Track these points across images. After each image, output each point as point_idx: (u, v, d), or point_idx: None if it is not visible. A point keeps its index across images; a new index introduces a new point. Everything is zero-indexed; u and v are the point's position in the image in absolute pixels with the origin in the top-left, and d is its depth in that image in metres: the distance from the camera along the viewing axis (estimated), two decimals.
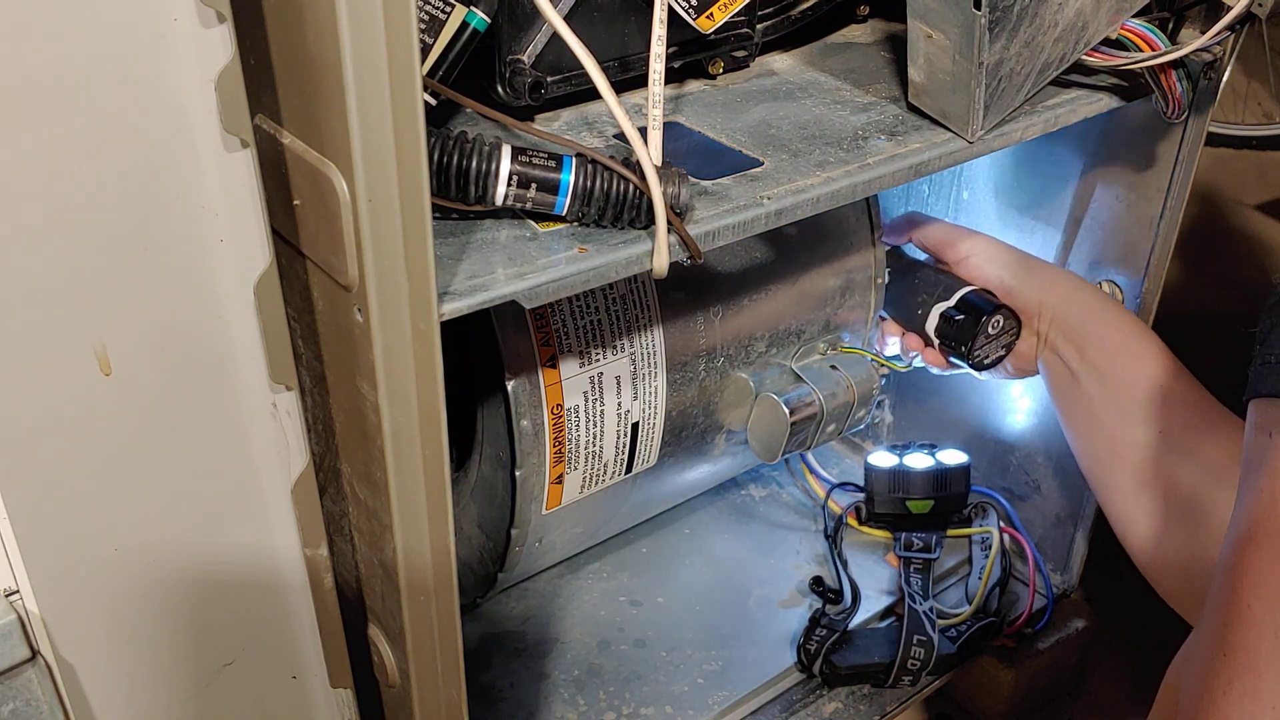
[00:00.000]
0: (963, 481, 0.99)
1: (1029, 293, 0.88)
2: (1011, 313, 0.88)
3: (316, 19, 0.45)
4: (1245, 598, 0.52)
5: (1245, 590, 0.52)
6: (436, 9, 0.59)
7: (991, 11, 0.61)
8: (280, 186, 0.53)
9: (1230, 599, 0.53)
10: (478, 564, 0.86)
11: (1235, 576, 0.53)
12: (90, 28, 0.44)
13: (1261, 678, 0.51)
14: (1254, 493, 0.53)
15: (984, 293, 0.90)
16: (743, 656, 0.92)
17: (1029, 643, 0.97)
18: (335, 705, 0.66)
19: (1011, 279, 0.89)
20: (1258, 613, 0.52)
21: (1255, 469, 0.53)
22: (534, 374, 0.75)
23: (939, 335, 0.91)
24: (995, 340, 0.89)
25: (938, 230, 0.94)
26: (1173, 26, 0.76)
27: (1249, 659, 0.52)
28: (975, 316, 0.88)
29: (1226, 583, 0.53)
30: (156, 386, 0.52)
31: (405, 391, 0.52)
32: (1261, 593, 0.51)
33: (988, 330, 0.88)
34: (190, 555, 0.57)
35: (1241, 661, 0.52)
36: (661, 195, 0.55)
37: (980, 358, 0.89)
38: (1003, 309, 0.88)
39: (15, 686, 0.52)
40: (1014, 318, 0.89)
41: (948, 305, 0.90)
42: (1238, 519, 0.54)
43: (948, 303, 0.90)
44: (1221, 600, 0.54)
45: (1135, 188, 0.88)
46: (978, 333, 0.87)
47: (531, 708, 0.86)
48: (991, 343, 0.89)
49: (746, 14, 0.72)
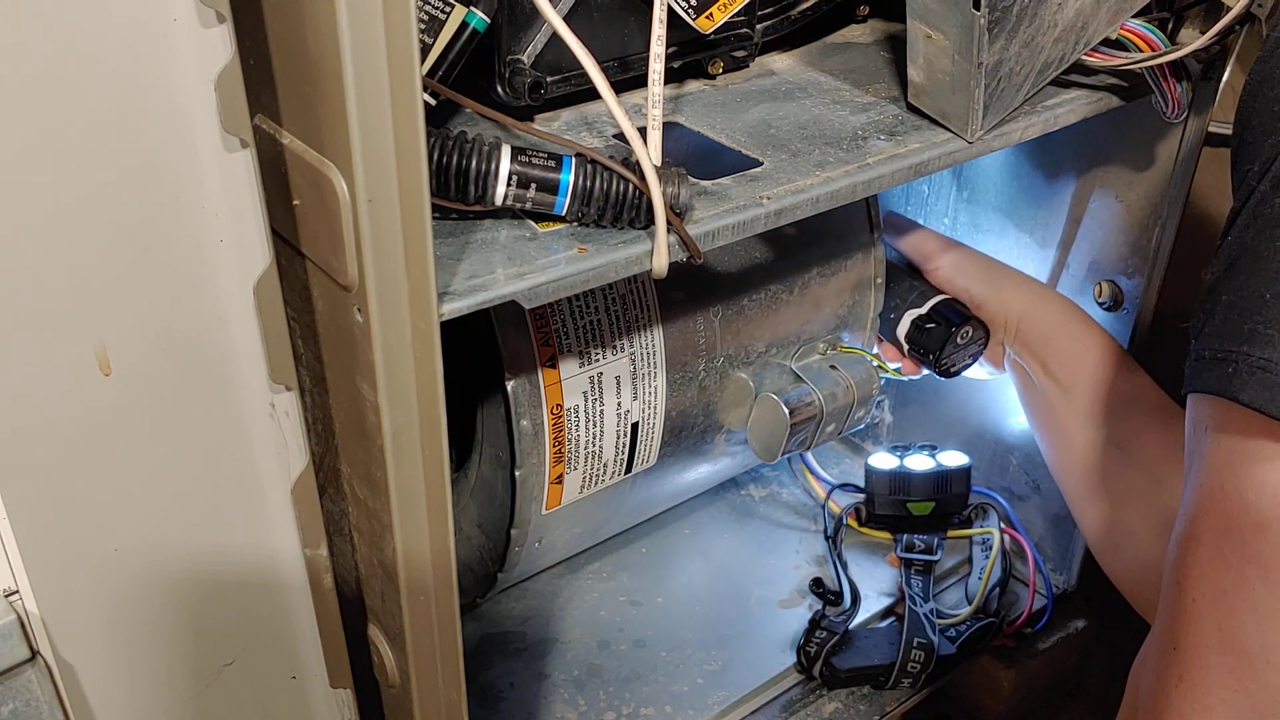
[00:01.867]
0: (964, 483, 0.99)
1: (995, 306, 0.92)
2: (980, 324, 0.92)
3: (316, 19, 0.45)
4: (1190, 593, 0.53)
5: (1189, 586, 0.53)
6: (436, 9, 0.59)
7: (991, 12, 0.61)
8: (280, 186, 0.53)
9: (1176, 595, 0.54)
10: (477, 564, 0.86)
11: (1179, 573, 0.54)
12: (90, 28, 0.44)
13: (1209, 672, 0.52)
14: (1193, 490, 0.54)
15: (955, 303, 0.93)
16: (742, 657, 0.92)
17: (1029, 643, 0.97)
18: (335, 705, 0.66)
19: (979, 292, 0.92)
20: (1201, 608, 0.53)
21: (1194, 467, 0.54)
22: (534, 374, 0.75)
23: (909, 341, 0.94)
24: (963, 349, 0.92)
25: (914, 237, 0.97)
26: (1172, 26, 0.76)
27: (1196, 653, 0.53)
28: (945, 326, 0.91)
29: (1172, 579, 0.54)
30: (156, 386, 0.52)
31: (405, 391, 0.52)
32: (1204, 588, 0.52)
33: (956, 340, 0.91)
34: (190, 555, 0.57)
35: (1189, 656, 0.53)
36: (661, 195, 0.55)
37: (947, 365, 0.92)
38: (972, 320, 0.91)
39: (15, 687, 0.52)
40: (982, 328, 0.92)
41: (919, 313, 0.93)
42: (1180, 517, 0.55)
43: (919, 310, 0.93)
44: (1169, 597, 0.55)
45: (1135, 188, 0.88)
46: (946, 342, 0.90)
47: (531, 708, 0.86)
48: (959, 352, 0.92)
49: (746, 14, 0.72)
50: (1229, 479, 0.51)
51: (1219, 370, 0.51)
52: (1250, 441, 0.50)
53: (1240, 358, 0.50)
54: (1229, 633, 0.51)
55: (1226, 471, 0.51)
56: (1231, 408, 0.50)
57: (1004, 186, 0.98)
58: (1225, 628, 0.51)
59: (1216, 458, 0.52)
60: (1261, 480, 0.50)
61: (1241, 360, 0.50)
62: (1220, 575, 0.51)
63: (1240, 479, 0.51)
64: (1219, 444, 0.52)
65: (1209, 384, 0.51)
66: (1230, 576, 0.51)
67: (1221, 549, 0.51)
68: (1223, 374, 0.51)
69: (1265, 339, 0.49)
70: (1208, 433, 0.53)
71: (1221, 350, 0.51)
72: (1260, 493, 0.50)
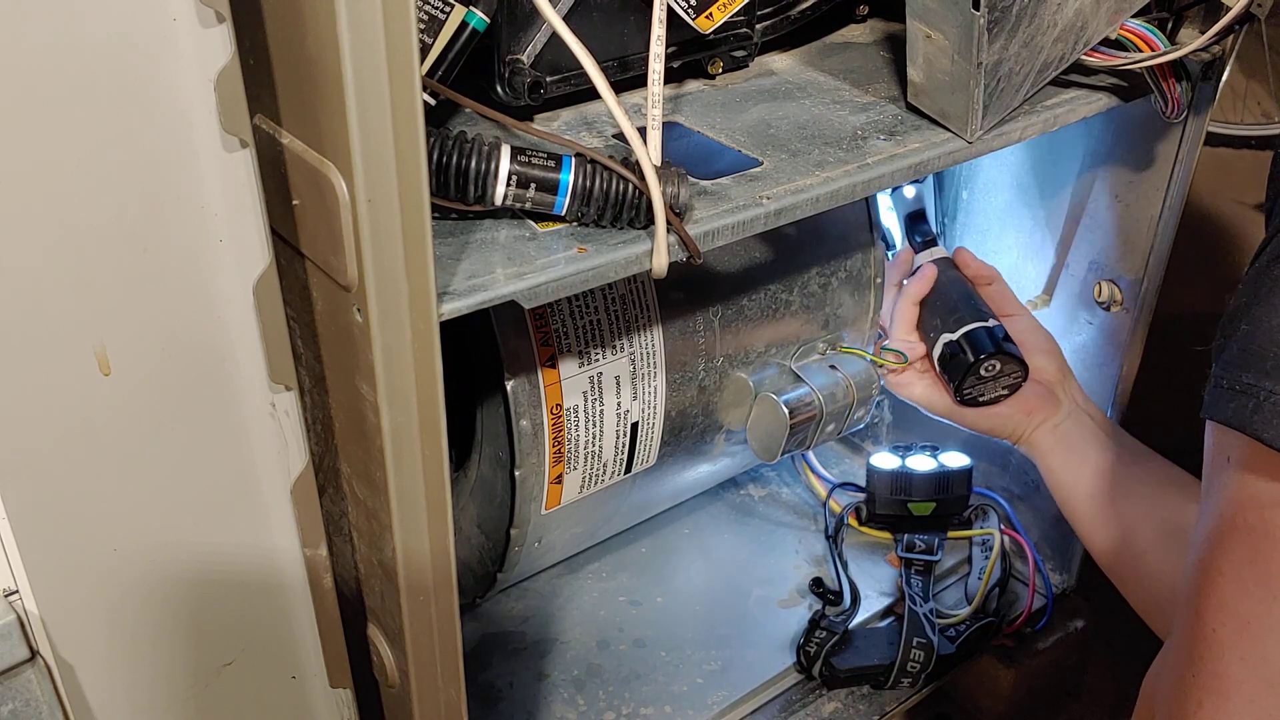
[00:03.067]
0: (965, 484, 0.99)
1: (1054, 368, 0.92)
2: (1017, 360, 0.89)
3: (316, 19, 0.45)
4: (1210, 623, 0.53)
5: (1209, 615, 0.53)
6: (436, 9, 0.59)
7: (990, 12, 0.61)
8: (280, 186, 0.53)
9: (1196, 623, 0.54)
10: (477, 564, 0.86)
11: (1200, 601, 0.54)
12: (89, 28, 0.44)
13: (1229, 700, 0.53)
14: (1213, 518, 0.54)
15: (995, 331, 0.90)
16: (742, 656, 0.92)
17: (1029, 643, 0.97)
18: (335, 705, 0.66)
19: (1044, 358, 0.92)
20: (1223, 637, 0.53)
21: (1213, 494, 0.54)
22: (533, 374, 0.75)
23: (940, 363, 0.92)
24: (992, 381, 0.90)
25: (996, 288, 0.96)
26: (1172, 26, 0.76)
27: (1217, 682, 0.53)
28: (974, 353, 0.89)
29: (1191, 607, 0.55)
30: (156, 387, 0.52)
31: (405, 391, 0.52)
32: (1225, 618, 0.53)
33: (979, 372, 0.89)
34: (190, 555, 0.57)
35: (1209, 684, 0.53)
36: (661, 195, 0.55)
37: (968, 395, 0.91)
38: (1002, 355, 0.89)
39: (15, 686, 0.52)
40: (1016, 364, 0.89)
41: (951, 338, 0.91)
42: (1198, 542, 0.55)
43: (952, 335, 0.91)
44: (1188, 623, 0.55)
45: (1135, 188, 0.88)
46: (968, 372, 0.89)
47: (531, 708, 0.86)
48: (983, 384, 0.90)
49: (746, 14, 0.72)
50: (1253, 513, 0.51)
51: (1239, 403, 0.51)
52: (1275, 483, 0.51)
53: (1263, 394, 0.50)
54: (1254, 662, 0.52)
55: (1251, 506, 0.51)
56: (1257, 446, 0.50)
57: (1004, 186, 0.98)
58: (1250, 658, 0.52)
59: (1240, 492, 0.52)
60: None
61: (1265, 396, 0.50)
62: (1243, 606, 0.52)
63: (1265, 514, 0.51)
64: (1243, 480, 0.52)
65: (1229, 416, 0.52)
66: (1254, 608, 0.51)
67: (1244, 580, 0.52)
68: (1242, 408, 0.51)
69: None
70: (1229, 464, 0.53)
71: (1241, 382, 0.51)
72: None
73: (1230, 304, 0.54)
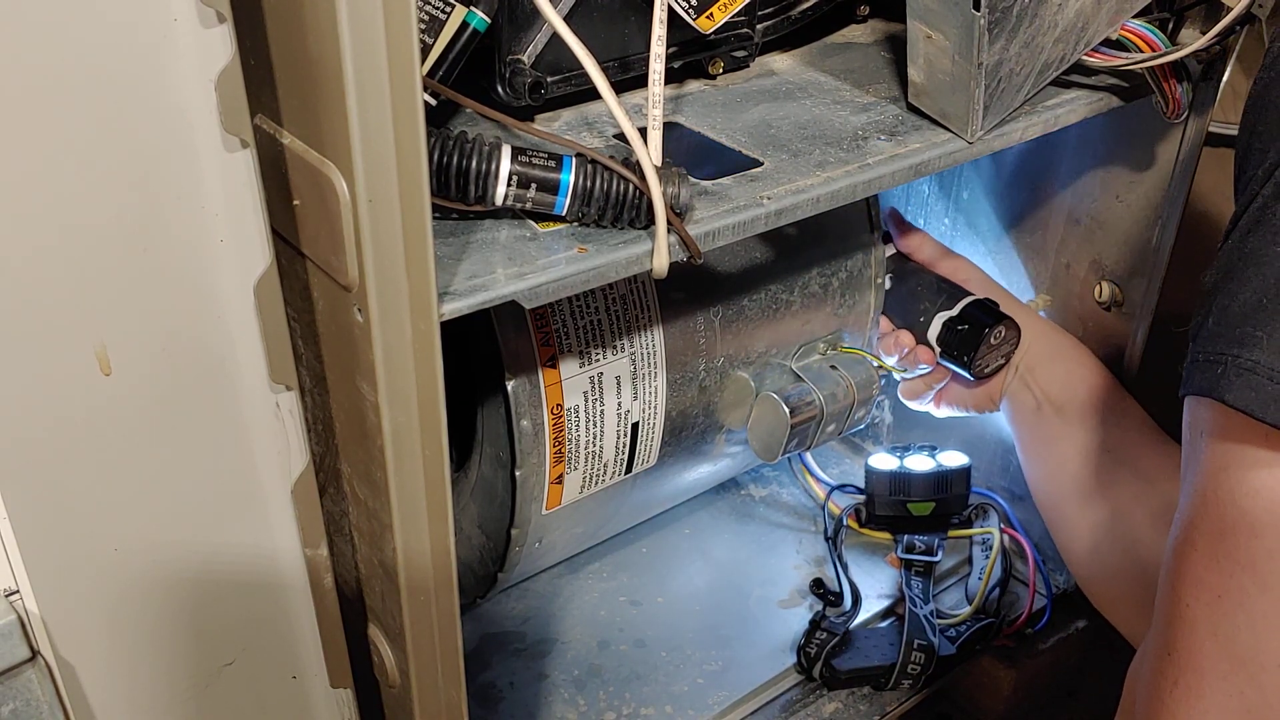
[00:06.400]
0: (964, 484, 0.99)
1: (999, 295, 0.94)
2: (1013, 324, 0.91)
3: (316, 19, 0.45)
4: (1184, 599, 0.53)
5: (1184, 592, 0.53)
6: (436, 9, 0.59)
7: (991, 12, 0.61)
8: (280, 186, 0.53)
9: (1171, 600, 0.54)
10: (478, 564, 0.86)
11: (1175, 578, 0.54)
12: (90, 28, 0.44)
13: (1204, 677, 0.52)
14: (1188, 494, 0.54)
15: (987, 303, 0.93)
16: (742, 657, 0.92)
17: (1029, 643, 0.97)
18: (335, 705, 0.66)
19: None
20: (1196, 613, 0.53)
21: (1189, 470, 0.54)
22: (534, 374, 0.75)
23: (940, 343, 0.93)
24: (996, 350, 0.92)
25: (924, 244, 0.98)
26: (1173, 27, 0.76)
27: (1192, 659, 0.53)
28: (979, 326, 0.90)
29: (1168, 584, 0.55)
30: (156, 386, 0.52)
31: (405, 391, 0.52)
32: (1199, 593, 0.52)
33: (990, 340, 0.90)
34: (190, 555, 0.57)
35: (1185, 661, 0.53)
36: (661, 195, 0.55)
37: (981, 367, 0.92)
38: (1006, 319, 0.91)
39: (15, 686, 0.52)
40: (1015, 329, 0.92)
41: (951, 314, 0.92)
42: (1176, 521, 0.55)
43: (950, 311, 0.93)
44: (1164, 601, 0.55)
45: (1135, 188, 0.88)
46: (979, 343, 0.90)
47: (531, 708, 0.86)
48: (993, 352, 0.91)
49: (746, 14, 0.72)
50: (1222, 484, 0.51)
51: (1209, 372, 0.51)
52: (1242, 446, 0.50)
53: (1230, 360, 0.50)
54: (1224, 638, 0.51)
55: (1220, 476, 0.51)
56: (1224, 412, 0.50)
57: (1004, 186, 0.98)
58: (1220, 632, 0.51)
59: (1211, 462, 0.52)
60: (1255, 485, 0.50)
61: (1230, 362, 0.50)
62: (1215, 580, 0.51)
63: (1233, 484, 0.51)
64: (1213, 449, 0.52)
65: (1199, 385, 0.52)
66: (1224, 581, 0.51)
67: (1215, 554, 0.51)
68: (1212, 375, 0.51)
69: (1255, 341, 0.49)
70: (1203, 436, 0.53)
71: (1214, 353, 0.51)
72: (1253, 498, 0.50)
73: (1205, 282, 0.54)
